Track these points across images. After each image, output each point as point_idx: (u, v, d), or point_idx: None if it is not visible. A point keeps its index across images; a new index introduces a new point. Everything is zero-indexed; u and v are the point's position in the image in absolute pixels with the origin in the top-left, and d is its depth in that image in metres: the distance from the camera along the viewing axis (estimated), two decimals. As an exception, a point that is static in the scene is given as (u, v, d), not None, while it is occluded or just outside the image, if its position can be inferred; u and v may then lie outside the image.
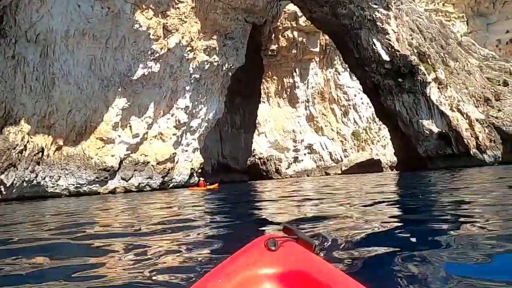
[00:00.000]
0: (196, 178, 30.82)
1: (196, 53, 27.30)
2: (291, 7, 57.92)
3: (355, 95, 64.33)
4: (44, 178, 23.19)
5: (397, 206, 6.83)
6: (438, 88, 36.51)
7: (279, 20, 58.42)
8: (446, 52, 40.80)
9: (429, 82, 35.91)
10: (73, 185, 23.92)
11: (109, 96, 24.92)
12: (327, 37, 62.08)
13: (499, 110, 39.00)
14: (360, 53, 36.44)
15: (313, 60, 62.40)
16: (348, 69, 64.26)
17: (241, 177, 45.71)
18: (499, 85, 42.29)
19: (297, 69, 61.45)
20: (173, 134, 27.64)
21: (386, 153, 63.14)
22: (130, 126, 25.90)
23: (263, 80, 57.42)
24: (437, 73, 36.56)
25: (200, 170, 30.99)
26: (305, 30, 59.85)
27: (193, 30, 26.73)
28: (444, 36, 42.32)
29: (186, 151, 29.55)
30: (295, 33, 59.33)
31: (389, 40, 35.21)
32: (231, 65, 29.96)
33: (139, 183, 25.93)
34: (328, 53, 62.96)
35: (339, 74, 64.14)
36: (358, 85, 64.95)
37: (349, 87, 64.04)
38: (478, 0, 75.17)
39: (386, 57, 35.40)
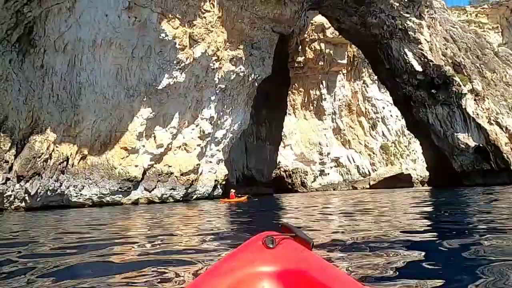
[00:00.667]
0: (220, 190, 29.98)
1: (222, 63, 26.68)
2: (318, 19, 57.09)
3: (383, 108, 62.38)
4: (68, 188, 22.88)
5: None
6: (475, 100, 34.47)
7: (306, 32, 57.67)
8: (482, 63, 38.70)
9: (465, 94, 33.95)
10: (96, 195, 23.50)
11: (134, 106, 24.55)
12: (354, 48, 60.78)
13: (541, 124, 36.37)
14: (391, 64, 34.99)
15: (340, 72, 61.05)
16: (376, 81, 62.66)
17: (266, 190, 44.57)
18: (540, 97, 39.60)
19: (324, 81, 60.22)
20: (198, 145, 26.95)
21: (417, 168, 60.56)
22: (155, 136, 25.40)
23: (290, 92, 56.47)
24: (473, 84, 34.56)
25: (224, 182, 30.12)
26: (332, 42, 58.75)
27: (219, 40, 26.17)
28: (480, 46, 40.24)
29: (210, 162, 28.78)
30: (322, 45, 58.29)
31: (422, 50, 33.63)
32: (257, 75, 29.17)
33: (162, 194, 25.26)
34: (356, 65, 61.51)
35: (367, 86, 62.45)
36: (386, 97, 63.03)
37: (377, 99, 62.19)
38: (513, 10, 72.10)
39: (418, 68, 33.79)
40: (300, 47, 57.69)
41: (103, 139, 24.19)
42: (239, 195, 24.16)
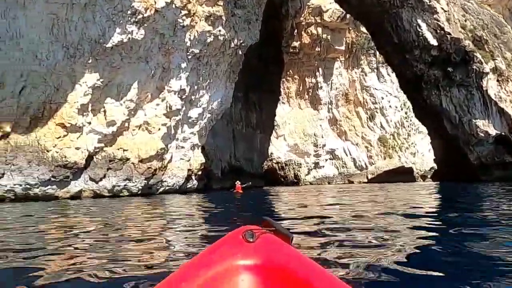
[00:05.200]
0: (195, 182, 23.24)
1: (195, 20, 19.67)
2: (316, 1, 50.16)
3: (382, 98, 55.42)
4: (-19, 175, 15.96)
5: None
6: (498, 80, 27.62)
7: (302, 15, 50.63)
8: (501, 42, 31.81)
9: (487, 73, 27.07)
10: (21, 185, 16.48)
11: (76, 69, 17.51)
12: (353, 34, 53.77)
13: None
14: (400, 37, 28.03)
15: (337, 59, 53.95)
16: (375, 70, 55.67)
17: (256, 182, 37.70)
18: None
19: (320, 69, 53.12)
20: (163, 124, 20.00)
21: (416, 161, 53.82)
22: (105, 111, 18.40)
23: (284, 79, 49.53)
24: (496, 62, 27.70)
25: (200, 173, 23.26)
26: (330, 27, 51.61)
27: (191, -10, 19.18)
28: (498, 24, 33.37)
29: (182, 147, 21.86)
30: (319, 30, 51.13)
31: (438, 20, 26.69)
32: (241, 41, 22.15)
33: (114, 186, 18.31)
34: (354, 52, 54.43)
35: (365, 75, 55.40)
36: (386, 87, 56.13)
37: (376, 89, 55.19)
38: (517, 0, 65.17)
39: (433, 41, 26.86)
40: (296, 31, 50.68)
41: (34, 113, 17.15)
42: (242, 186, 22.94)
